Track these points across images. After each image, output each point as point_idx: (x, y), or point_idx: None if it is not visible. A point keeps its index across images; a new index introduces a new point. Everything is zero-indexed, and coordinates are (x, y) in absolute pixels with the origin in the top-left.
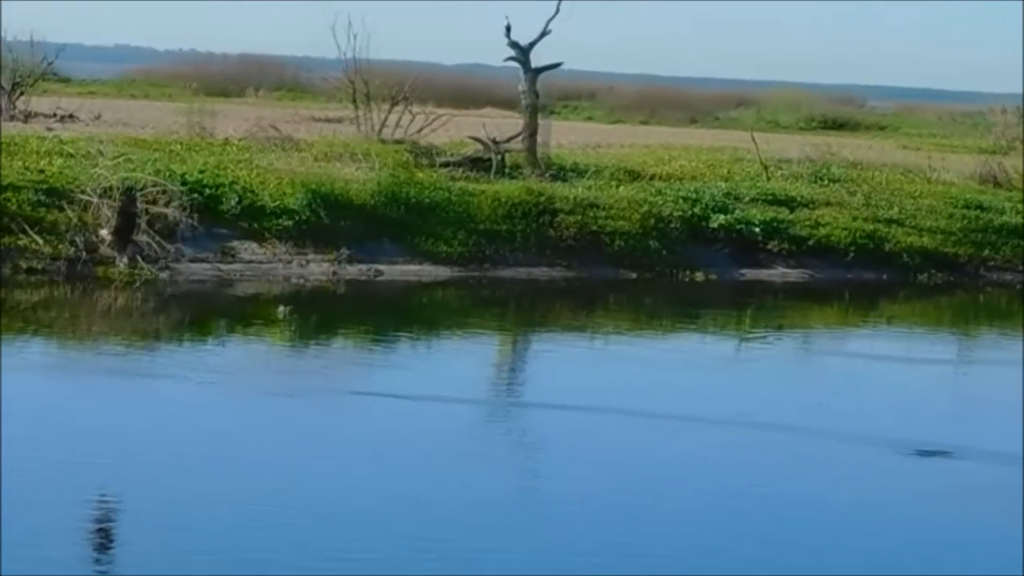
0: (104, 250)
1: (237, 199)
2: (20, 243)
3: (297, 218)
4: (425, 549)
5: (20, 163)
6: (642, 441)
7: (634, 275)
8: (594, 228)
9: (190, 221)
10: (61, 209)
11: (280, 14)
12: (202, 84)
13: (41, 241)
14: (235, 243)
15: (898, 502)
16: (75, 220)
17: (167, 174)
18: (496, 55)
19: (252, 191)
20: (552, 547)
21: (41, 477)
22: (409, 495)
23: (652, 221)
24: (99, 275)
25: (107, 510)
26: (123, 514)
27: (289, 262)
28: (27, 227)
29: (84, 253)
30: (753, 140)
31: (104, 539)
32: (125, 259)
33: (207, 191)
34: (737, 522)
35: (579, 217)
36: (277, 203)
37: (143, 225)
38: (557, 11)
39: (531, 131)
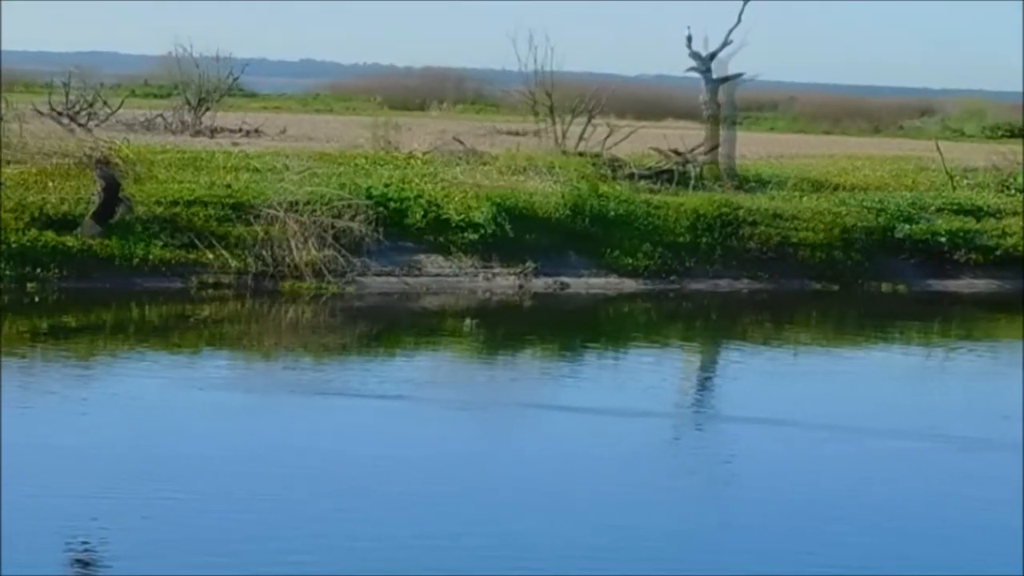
0: (290, 262)
1: (423, 213)
2: (207, 258)
3: (483, 232)
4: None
5: (207, 178)
6: (834, 454)
7: (819, 286)
8: (780, 239)
9: (376, 235)
10: (248, 224)
11: (465, 27)
12: (386, 98)
13: (228, 255)
14: (421, 256)
15: None
16: (262, 234)
17: (352, 188)
18: (679, 66)
19: (437, 205)
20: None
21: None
22: (603, 509)
23: (837, 231)
24: (285, 290)
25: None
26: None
27: (475, 275)
28: (214, 242)
29: (271, 267)
30: (938, 149)
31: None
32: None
33: (392, 205)
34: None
35: (765, 228)
36: (462, 217)
37: (329, 239)
38: (739, 21)
39: (713, 142)
